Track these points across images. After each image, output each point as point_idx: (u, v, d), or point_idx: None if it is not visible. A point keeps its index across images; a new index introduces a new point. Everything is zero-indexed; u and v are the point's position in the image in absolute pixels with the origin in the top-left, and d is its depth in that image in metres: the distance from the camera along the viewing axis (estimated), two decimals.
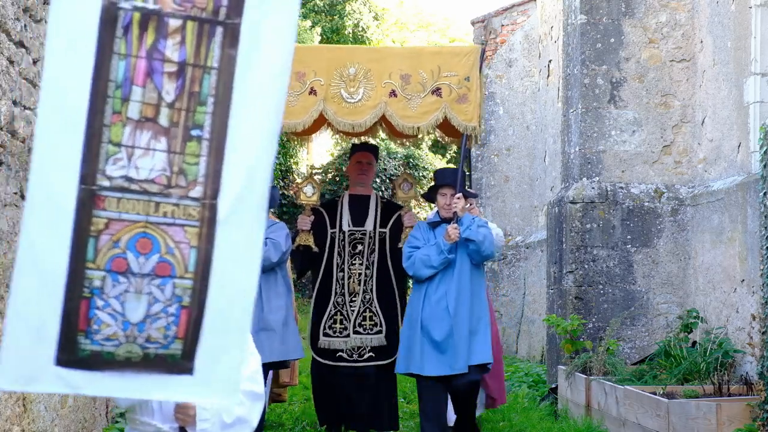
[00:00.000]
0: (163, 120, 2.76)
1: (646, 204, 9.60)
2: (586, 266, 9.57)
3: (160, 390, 2.88)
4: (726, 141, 8.92)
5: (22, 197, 5.58)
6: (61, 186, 2.70)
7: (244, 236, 2.86)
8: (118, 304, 2.78)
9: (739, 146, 8.64)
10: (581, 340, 9.31)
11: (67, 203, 2.70)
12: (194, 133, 2.79)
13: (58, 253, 2.72)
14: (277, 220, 7.87)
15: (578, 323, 9.26)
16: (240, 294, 2.87)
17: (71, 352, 2.76)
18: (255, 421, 3.38)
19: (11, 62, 5.93)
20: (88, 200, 2.72)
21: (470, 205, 8.00)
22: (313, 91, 7.60)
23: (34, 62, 6.41)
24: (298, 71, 7.52)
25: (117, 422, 8.11)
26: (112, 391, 2.91)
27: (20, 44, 6.09)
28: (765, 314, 6.85)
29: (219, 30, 2.77)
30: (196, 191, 2.81)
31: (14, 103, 5.95)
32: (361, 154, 8.30)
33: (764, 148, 6.94)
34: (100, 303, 2.77)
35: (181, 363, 2.86)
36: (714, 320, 8.79)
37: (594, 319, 9.49)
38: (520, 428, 8.67)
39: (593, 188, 9.63)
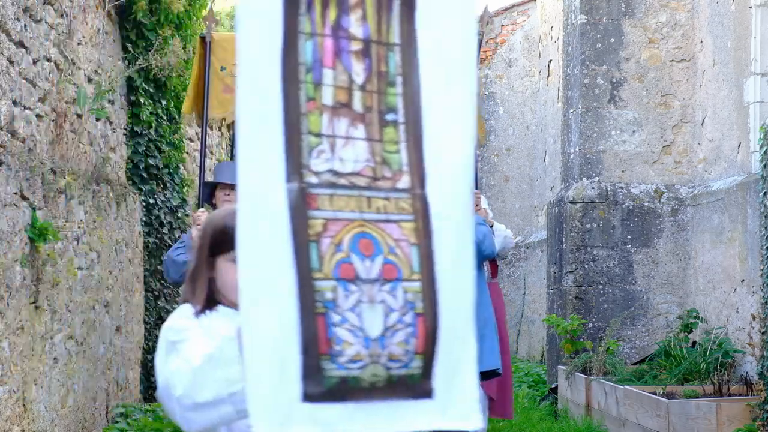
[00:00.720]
0: (357, 105, 2.45)
1: (646, 204, 9.60)
2: (586, 266, 9.57)
3: (405, 419, 2.45)
4: (726, 141, 8.92)
5: (23, 197, 5.58)
6: (270, 188, 2.34)
7: (458, 229, 2.52)
8: (354, 318, 2.38)
9: (739, 146, 8.64)
10: (581, 340, 9.31)
11: (279, 207, 2.34)
12: (389, 117, 2.48)
13: (281, 266, 2.33)
14: None
15: (578, 323, 9.26)
16: (464, 296, 2.53)
17: (318, 383, 2.34)
18: None
19: (11, 62, 5.92)
20: (300, 200, 2.35)
21: (476, 206, 7.79)
22: None
23: (34, 62, 6.40)
24: None
25: (117, 422, 8.11)
26: (363, 426, 2.45)
27: (20, 44, 6.09)
28: (765, 314, 6.85)
29: (396, 2, 2.48)
30: (403, 182, 2.48)
31: (14, 103, 5.95)
32: None
33: (764, 148, 6.94)
34: (336, 318, 2.36)
35: (420, 384, 2.46)
36: (714, 320, 8.79)
37: (594, 319, 9.49)
38: (520, 428, 8.67)
39: (593, 188, 9.63)
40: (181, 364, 2.64)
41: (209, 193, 6.91)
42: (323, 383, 2.34)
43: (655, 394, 7.57)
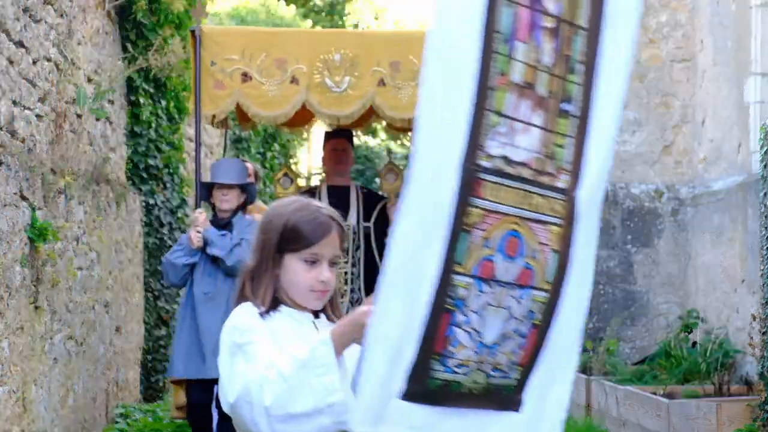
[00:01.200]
0: (541, 87, 2.18)
1: (647, 204, 9.60)
2: None
3: (489, 431, 2.30)
4: (726, 141, 8.92)
5: (22, 197, 5.57)
6: (445, 165, 2.09)
7: (590, 239, 2.35)
8: (477, 321, 2.18)
9: (739, 146, 8.63)
10: None
11: (447, 187, 2.09)
12: (565, 107, 2.22)
13: (430, 251, 2.11)
14: (256, 218, 7.16)
15: None
16: (579, 312, 2.35)
17: (422, 383, 2.16)
18: None
19: (11, 62, 5.92)
20: (468, 184, 2.10)
21: None
22: (294, 80, 6.92)
23: (34, 62, 6.40)
24: (278, 58, 6.92)
25: (117, 422, 8.11)
26: None
27: (20, 44, 6.09)
28: (765, 314, 6.85)
29: None
30: (562, 181, 2.25)
31: (14, 103, 5.95)
32: (335, 141, 7.67)
33: (764, 148, 6.94)
34: (461, 318, 2.16)
35: (511, 397, 2.29)
36: (714, 320, 8.79)
37: (594, 319, 9.49)
38: None
39: None
40: (264, 370, 2.37)
41: (207, 193, 6.86)
42: (428, 384, 2.18)
43: (655, 394, 7.56)
